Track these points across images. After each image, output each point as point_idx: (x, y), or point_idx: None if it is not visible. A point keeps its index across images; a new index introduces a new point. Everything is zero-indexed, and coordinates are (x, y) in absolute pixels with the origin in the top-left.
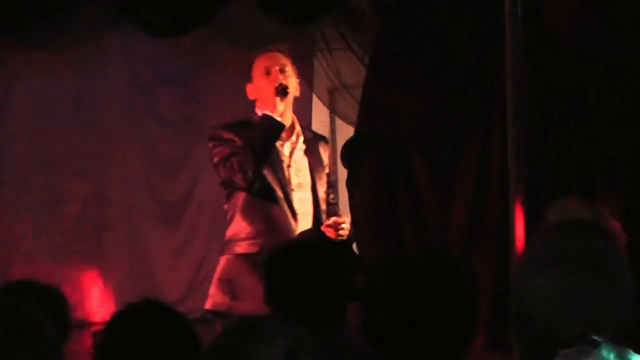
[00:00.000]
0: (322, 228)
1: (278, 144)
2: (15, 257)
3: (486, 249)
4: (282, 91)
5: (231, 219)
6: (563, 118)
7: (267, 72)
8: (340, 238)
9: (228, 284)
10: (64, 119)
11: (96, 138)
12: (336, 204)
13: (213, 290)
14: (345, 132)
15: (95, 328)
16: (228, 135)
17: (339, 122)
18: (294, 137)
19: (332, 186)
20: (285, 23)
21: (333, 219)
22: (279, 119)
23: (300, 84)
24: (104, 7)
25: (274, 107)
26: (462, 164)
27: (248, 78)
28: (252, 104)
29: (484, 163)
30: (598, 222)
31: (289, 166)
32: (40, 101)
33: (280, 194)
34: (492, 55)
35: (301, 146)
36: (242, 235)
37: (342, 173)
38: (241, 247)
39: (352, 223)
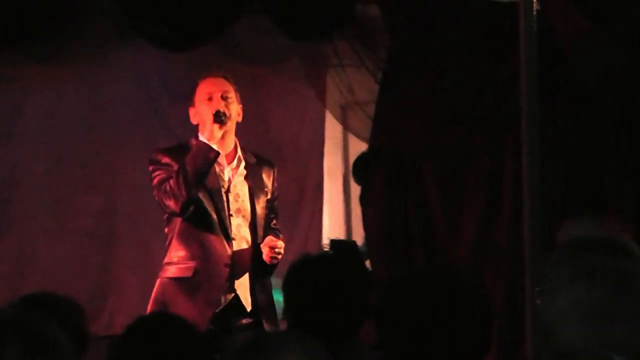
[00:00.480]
0: (261, 247)
1: (218, 169)
2: (28, 271)
3: (497, 266)
4: (218, 118)
5: (169, 243)
6: (576, 136)
7: (209, 98)
8: (273, 261)
9: (163, 306)
10: (74, 133)
11: (107, 152)
12: (278, 229)
13: (149, 310)
14: (358, 148)
15: (107, 341)
16: (166, 159)
17: (351, 139)
18: (234, 163)
19: (273, 212)
20: (298, 39)
21: (268, 240)
22: (214, 145)
23: (242, 112)
24: (113, 22)
25: (210, 134)
26: (473, 181)
27: (191, 102)
28: (195, 127)
29: (496, 180)
30: (617, 240)
31: (227, 192)
32: (51, 115)
33: (215, 219)
34: (505, 71)
35: (242, 172)
36: (176, 259)
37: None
38: (173, 272)
39: (366, 239)
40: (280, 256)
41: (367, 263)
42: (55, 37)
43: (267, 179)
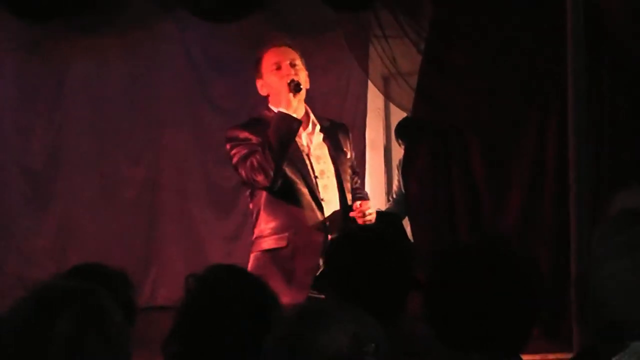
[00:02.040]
0: (351, 214)
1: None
2: (72, 242)
3: (542, 237)
4: (295, 87)
5: (257, 217)
6: (621, 110)
7: (278, 67)
8: (367, 223)
9: None
10: (117, 105)
11: (150, 124)
12: (361, 188)
13: None
14: (399, 119)
15: (149, 313)
16: (244, 134)
17: (393, 110)
18: (310, 127)
19: (355, 171)
20: (341, 9)
21: (358, 205)
22: (294, 115)
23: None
24: None
25: (288, 104)
26: (518, 153)
27: (258, 74)
28: (265, 99)
29: (540, 152)
30: None
31: (308, 155)
32: (94, 87)
33: (302, 185)
34: (551, 44)
35: (318, 134)
36: (268, 231)
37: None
38: (268, 243)
39: (408, 208)
40: (373, 217)
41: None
42: (98, 9)
43: (344, 140)
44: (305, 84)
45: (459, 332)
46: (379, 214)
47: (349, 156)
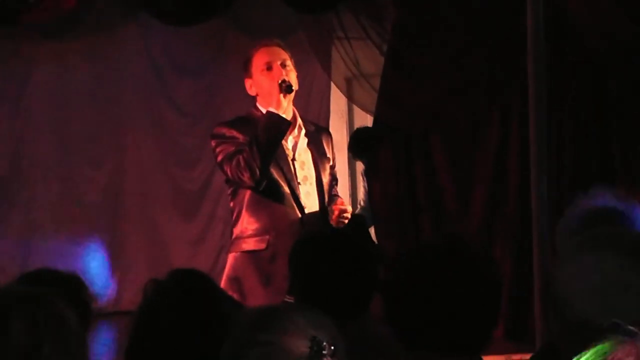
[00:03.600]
0: (333, 207)
1: None
2: (35, 246)
3: (505, 237)
4: (286, 88)
5: (238, 217)
6: (583, 107)
7: (269, 68)
8: (340, 225)
9: (236, 282)
10: (80, 109)
11: (113, 128)
12: (338, 196)
13: (223, 287)
14: (363, 121)
15: (112, 317)
16: (231, 132)
17: (356, 112)
18: (295, 131)
19: (335, 178)
20: (303, 11)
21: (338, 203)
22: (284, 115)
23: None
24: None
25: (278, 104)
26: (481, 153)
27: (247, 73)
28: (252, 98)
29: (503, 151)
30: (629, 210)
31: (293, 160)
32: (57, 91)
33: (286, 189)
34: (511, 43)
35: (304, 139)
36: (249, 232)
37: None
38: (248, 244)
39: (372, 212)
40: (347, 220)
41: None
42: (61, 12)
43: (327, 146)
44: (295, 85)
45: (418, 333)
46: None
47: (331, 163)
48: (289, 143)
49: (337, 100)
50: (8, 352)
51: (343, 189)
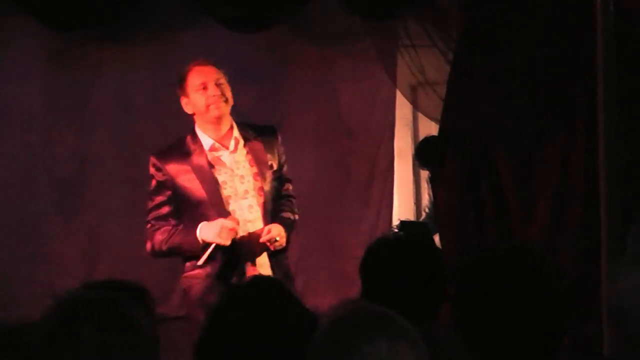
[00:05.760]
0: (261, 241)
1: (213, 155)
2: (101, 250)
3: (571, 245)
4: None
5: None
6: None
7: (204, 87)
8: (278, 248)
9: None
10: (144, 113)
11: (178, 133)
12: (291, 196)
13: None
14: (427, 129)
15: (177, 322)
16: (159, 175)
17: (420, 119)
18: (232, 145)
19: (282, 181)
20: (369, 19)
21: (266, 231)
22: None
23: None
24: (184, 2)
25: (217, 132)
26: (546, 161)
27: (182, 92)
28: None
29: (568, 159)
30: None
31: (233, 175)
32: (121, 96)
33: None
34: (578, 50)
35: (242, 150)
36: (191, 266)
37: (401, 169)
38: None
39: (436, 220)
40: (282, 241)
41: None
42: (125, 18)
43: (269, 150)
44: (230, 100)
45: (488, 341)
46: (405, 223)
47: (275, 168)
48: (227, 161)
49: (402, 108)
50: (78, 354)
51: (407, 194)
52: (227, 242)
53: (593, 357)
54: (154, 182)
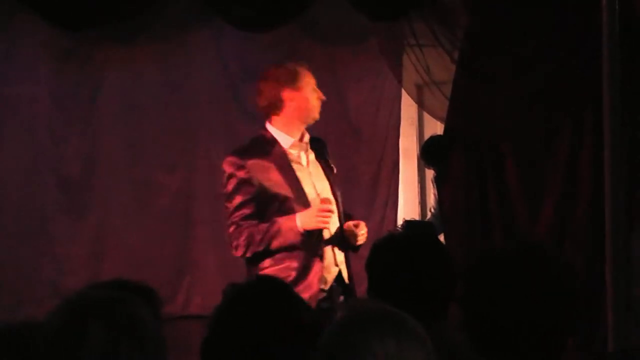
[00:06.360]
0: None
1: (293, 154)
2: (107, 250)
3: (577, 246)
4: (311, 122)
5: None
6: None
7: (314, 89)
8: (358, 245)
9: None
10: (152, 113)
11: (185, 132)
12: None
13: None
14: (433, 128)
15: (184, 322)
16: (241, 173)
17: (426, 119)
18: (304, 144)
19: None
20: (375, 19)
21: (363, 228)
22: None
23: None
24: (192, 2)
25: (306, 122)
26: (552, 162)
27: (294, 85)
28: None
29: (574, 159)
30: None
31: (309, 174)
32: (129, 95)
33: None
34: (585, 50)
35: (310, 152)
36: (271, 262)
37: (407, 168)
38: (273, 272)
39: (442, 219)
40: (363, 238)
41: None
42: (134, 18)
43: (327, 155)
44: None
45: (495, 341)
46: (410, 223)
47: (335, 170)
48: (302, 160)
49: (408, 107)
50: (86, 352)
51: (412, 194)
52: (328, 225)
53: (595, 357)
54: (233, 182)
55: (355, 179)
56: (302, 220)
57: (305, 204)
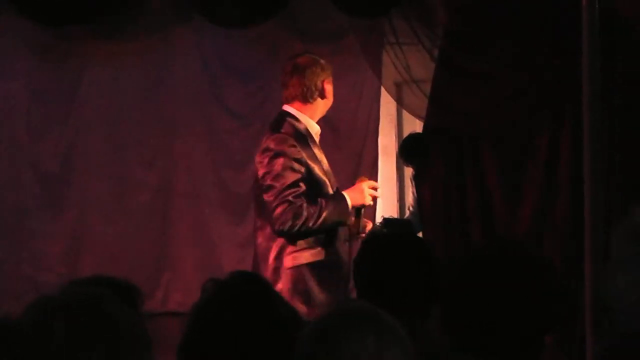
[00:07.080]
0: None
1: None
2: (85, 246)
3: (556, 243)
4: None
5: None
6: (635, 111)
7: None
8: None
9: (305, 294)
10: (132, 110)
11: (164, 129)
12: None
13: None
14: (412, 126)
15: (161, 319)
16: (298, 153)
17: (405, 117)
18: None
19: None
20: (355, 16)
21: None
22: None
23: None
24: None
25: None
26: (531, 158)
27: (330, 78)
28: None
29: (554, 157)
30: None
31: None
32: (109, 92)
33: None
34: (565, 48)
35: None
36: (305, 245)
37: (385, 166)
38: (307, 257)
39: (421, 217)
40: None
41: None
42: (114, 14)
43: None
44: None
45: (475, 338)
46: (388, 221)
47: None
48: (317, 153)
49: (387, 105)
50: (52, 353)
51: (391, 192)
52: (372, 202)
53: (573, 358)
54: (282, 160)
55: (334, 175)
56: (352, 197)
57: (333, 186)
